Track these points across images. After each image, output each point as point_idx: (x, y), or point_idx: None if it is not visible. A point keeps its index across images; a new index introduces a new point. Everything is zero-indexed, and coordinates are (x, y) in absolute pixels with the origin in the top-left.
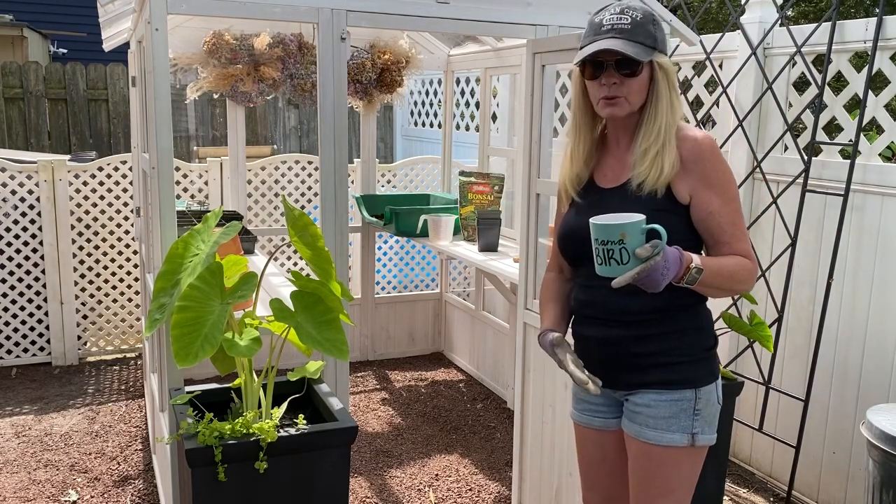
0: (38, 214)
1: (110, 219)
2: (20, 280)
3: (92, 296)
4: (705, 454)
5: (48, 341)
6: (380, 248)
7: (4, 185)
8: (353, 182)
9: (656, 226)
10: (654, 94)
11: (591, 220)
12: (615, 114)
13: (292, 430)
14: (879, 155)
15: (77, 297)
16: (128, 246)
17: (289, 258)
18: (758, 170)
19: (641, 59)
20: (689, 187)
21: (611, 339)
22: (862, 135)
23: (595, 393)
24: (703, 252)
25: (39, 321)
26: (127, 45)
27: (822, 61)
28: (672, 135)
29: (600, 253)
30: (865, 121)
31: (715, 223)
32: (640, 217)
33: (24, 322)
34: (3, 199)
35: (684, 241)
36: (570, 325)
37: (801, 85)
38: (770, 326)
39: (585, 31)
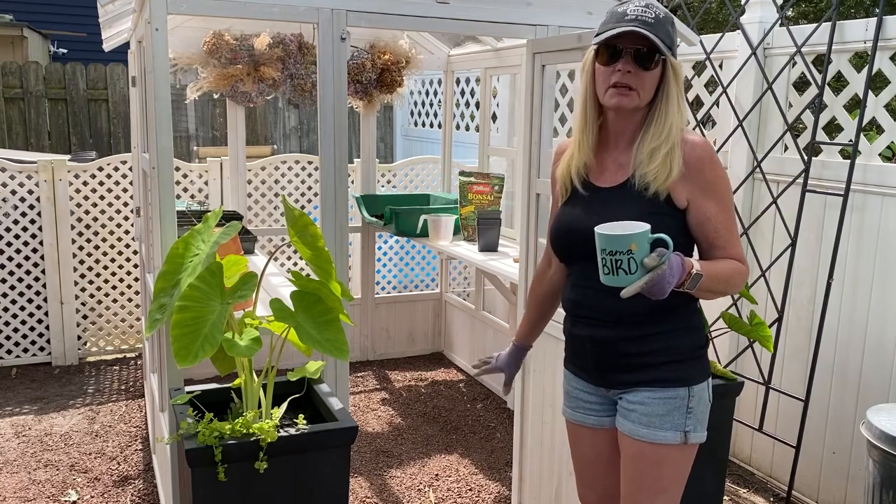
0: (38, 214)
1: (110, 219)
2: (20, 280)
3: (92, 296)
4: (695, 453)
5: (48, 341)
6: (380, 248)
7: (4, 185)
8: (353, 182)
9: (663, 235)
10: (665, 93)
11: (597, 230)
12: (622, 104)
13: (292, 430)
14: (879, 155)
15: (77, 297)
16: (128, 246)
17: (289, 258)
18: (758, 170)
19: (661, 52)
20: (688, 192)
21: (603, 340)
22: (862, 135)
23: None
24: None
25: (39, 321)
26: (127, 45)
27: (822, 61)
28: (679, 137)
29: (607, 263)
30: (865, 121)
31: (711, 228)
32: (647, 226)
33: (24, 322)
34: (3, 199)
35: (679, 244)
36: (565, 327)
37: (801, 85)
38: (770, 326)
39: (605, 19)
